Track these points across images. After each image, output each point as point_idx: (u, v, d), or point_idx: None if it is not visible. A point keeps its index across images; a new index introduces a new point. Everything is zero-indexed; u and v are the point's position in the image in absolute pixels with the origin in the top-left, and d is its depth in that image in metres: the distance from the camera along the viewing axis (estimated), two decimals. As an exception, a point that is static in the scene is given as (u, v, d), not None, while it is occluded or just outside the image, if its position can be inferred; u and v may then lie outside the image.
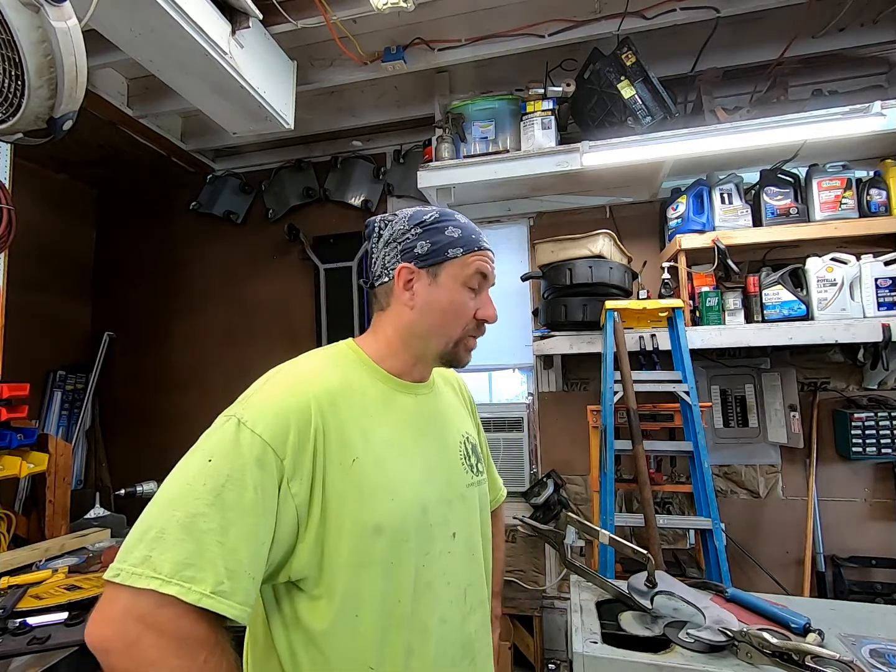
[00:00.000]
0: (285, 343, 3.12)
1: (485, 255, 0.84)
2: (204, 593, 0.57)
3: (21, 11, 1.06)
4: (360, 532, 0.70)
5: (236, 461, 0.63)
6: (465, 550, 0.83)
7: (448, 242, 0.81)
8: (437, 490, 0.80)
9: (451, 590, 0.80)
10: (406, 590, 0.73)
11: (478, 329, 0.85)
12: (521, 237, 2.91)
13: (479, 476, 0.91)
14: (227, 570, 0.59)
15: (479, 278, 0.83)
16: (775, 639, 1.02)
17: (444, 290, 0.81)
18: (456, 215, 0.86)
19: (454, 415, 0.94)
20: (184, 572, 0.57)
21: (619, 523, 2.02)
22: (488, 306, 0.85)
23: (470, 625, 0.82)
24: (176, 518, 0.59)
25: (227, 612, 0.58)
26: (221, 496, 0.61)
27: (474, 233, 0.85)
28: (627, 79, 2.14)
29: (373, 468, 0.73)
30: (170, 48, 1.76)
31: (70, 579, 1.44)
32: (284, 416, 0.68)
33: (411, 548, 0.74)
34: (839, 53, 2.29)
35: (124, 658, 0.56)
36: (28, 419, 1.86)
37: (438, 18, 2.19)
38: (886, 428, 2.19)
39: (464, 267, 0.82)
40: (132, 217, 3.50)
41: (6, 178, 1.82)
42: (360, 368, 0.82)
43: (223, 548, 0.59)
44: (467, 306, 0.82)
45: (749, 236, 2.23)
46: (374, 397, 0.80)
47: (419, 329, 0.83)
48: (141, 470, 2.32)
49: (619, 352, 2.10)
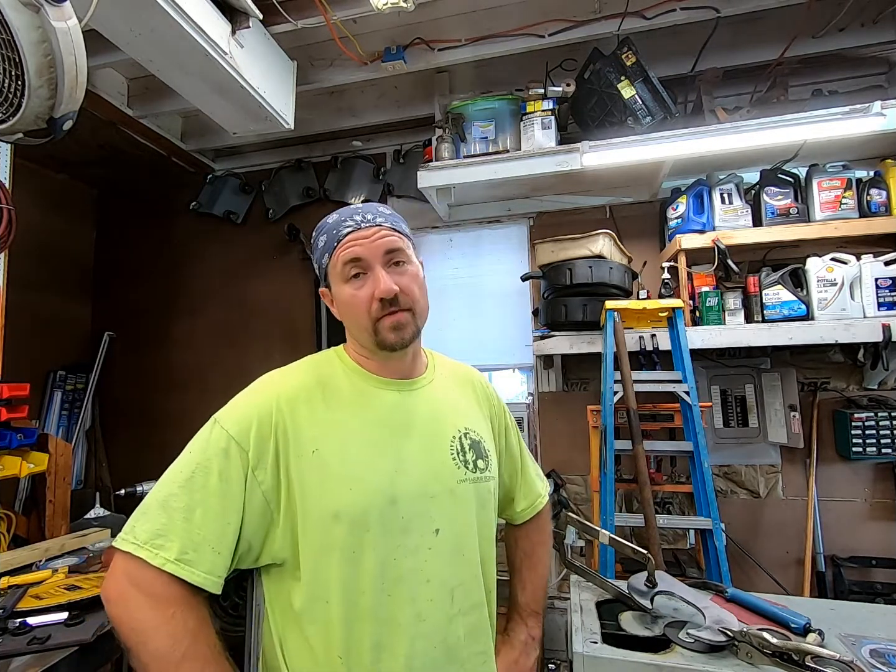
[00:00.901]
0: (285, 343, 3.13)
1: (349, 241, 0.82)
2: (168, 559, 0.69)
3: (21, 11, 1.06)
4: (321, 519, 0.75)
5: (206, 452, 0.75)
6: (451, 548, 0.82)
7: (320, 255, 0.87)
8: (414, 483, 0.80)
9: (432, 588, 0.78)
10: (371, 581, 0.75)
11: (384, 308, 0.81)
12: (521, 237, 2.91)
13: (478, 473, 0.88)
14: (192, 542, 0.70)
15: (352, 266, 0.82)
16: (775, 639, 1.02)
17: (338, 297, 0.86)
18: (327, 219, 0.88)
19: (452, 410, 0.92)
20: (155, 541, 0.70)
21: (619, 523, 2.02)
22: (378, 283, 0.81)
23: (457, 627, 0.80)
24: (157, 498, 0.73)
25: (189, 577, 0.69)
26: (191, 480, 0.73)
27: (336, 227, 0.85)
28: (627, 79, 2.14)
29: (335, 458, 0.78)
30: (170, 48, 1.76)
31: (70, 579, 1.44)
32: (248, 414, 0.78)
33: (373, 538, 0.75)
34: (839, 53, 2.29)
35: (117, 607, 0.71)
36: (28, 419, 1.86)
37: (438, 18, 2.19)
38: (886, 428, 2.19)
39: (334, 267, 0.84)
40: (132, 217, 3.50)
41: (6, 178, 1.82)
42: (340, 369, 0.88)
43: (189, 523, 0.71)
44: (357, 298, 0.82)
45: (749, 236, 2.23)
46: (347, 394, 0.85)
47: (351, 333, 0.90)
48: (141, 470, 2.31)
49: (619, 352, 2.10)
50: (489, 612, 0.89)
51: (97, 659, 1.20)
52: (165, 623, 0.68)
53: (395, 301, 0.82)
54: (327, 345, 2.92)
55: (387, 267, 0.83)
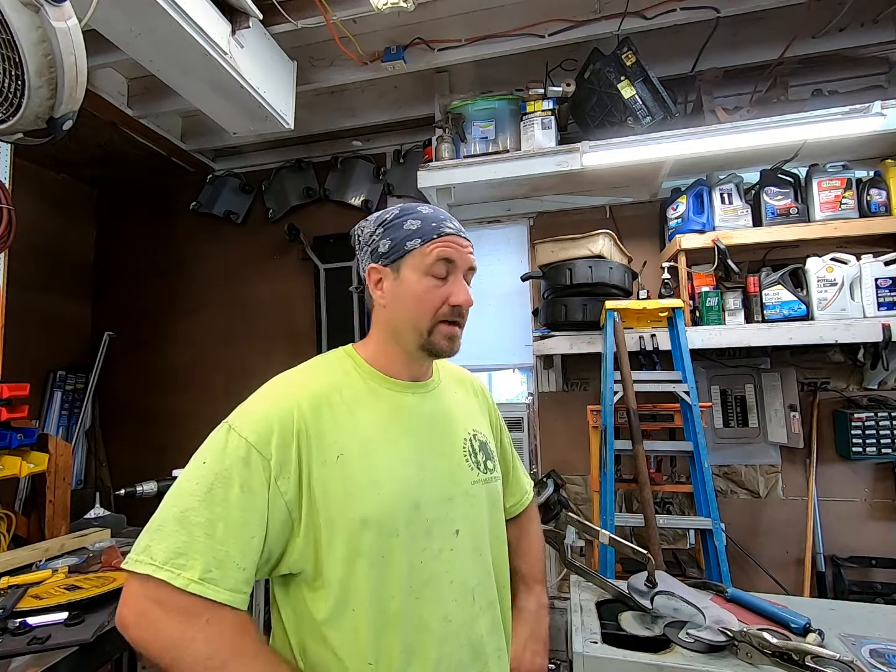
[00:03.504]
0: (285, 343, 3.12)
1: (448, 241, 0.82)
2: (192, 579, 0.64)
3: (21, 11, 1.06)
4: (349, 525, 0.73)
5: (224, 462, 0.70)
6: (470, 549, 0.83)
7: (406, 236, 0.82)
8: (435, 486, 0.80)
9: (456, 588, 0.79)
10: (400, 585, 0.74)
11: (452, 314, 0.83)
12: (521, 237, 2.91)
13: (488, 473, 0.89)
14: (216, 559, 0.66)
15: (443, 265, 0.82)
16: (775, 639, 1.02)
17: (407, 283, 0.82)
18: (419, 207, 0.86)
19: (461, 413, 0.93)
20: (175, 560, 0.64)
21: (619, 523, 2.02)
22: (460, 291, 0.82)
23: (480, 626, 0.81)
24: (172, 512, 0.68)
25: (216, 596, 0.65)
26: (210, 493, 0.68)
27: (436, 220, 0.83)
28: (627, 79, 2.14)
29: (358, 464, 0.76)
30: (170, 48, 1.76)
31: (70, 579, 1.43)
32: (268, 420, 0.73)
33: (402, 542, 0.75)
34: (839, 53, 2.29)
35: (138, 629, 0.65)
36: (28, 419, 1.86)
37: (438, 18, 2.19)
38: (886, 428, 2.19)
39: (423, 256, 0.81)
40: (132, 217, 3.50)
41: (6, 178, 1.82)
42: (353, 371, 0.86)
43: (212, 539, 0.66)
44: (433, 294, 0.81)
45: (749, 236, 2.23)
46: (366, 397, 0.83)
47: (394, 324, 0.85)
48: (141, 470, 2.32)
49: (619, 352, 2.10)
50: (503, 608, 0.90)
51: (97, 659, 1.20)
52: (200, 630, 0.64)
53: (462, 313, 0.84)
54: (327, 345, 2.93)
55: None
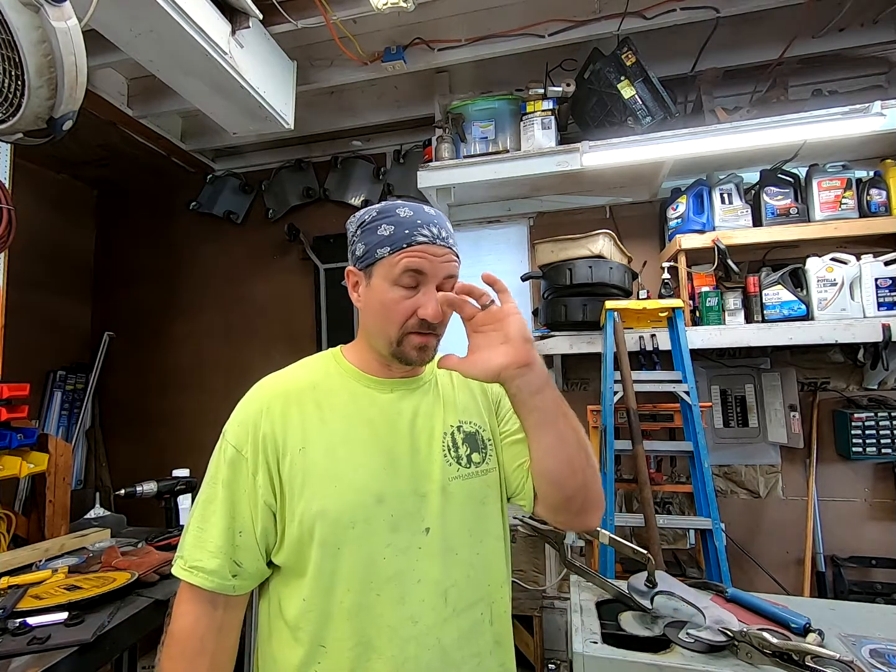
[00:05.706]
0: (285, 343, 3.12)
1: (418, 251, 0.78)
2: (184, 567, 0.77)
3: (21, 11, 1.06)
4: (306, 515, 0.76)
5: (214, 466, 0.81)
6: (442, 548, 0.80)
7: (377, 242, 0.80)
8: (403, 482, 0.80)
9: (425, 588, 0.77)
10: (356, 579, 0.75)
11: (422, 327, 0.80)
12: (521, 237, 2.91)
13: (472, 468, 0.85)
14: (209, 552, 0.76)
15: (411, 276, 0.79)
16: (775, 639, 1.02)
17: (376, 291, 0.81)
18: (398, 209, 0.82)
19: (447, 406, 0.90)
20: (178, 554, 0.79)
21: (619, 523, 2.02)
22: (429, 304, 0.78)
23: (451, 629, 0.78)
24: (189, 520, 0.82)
25: (203, 584, 0.75)
26: (203, 496, 0.80)
27: (410, 227, 0.79)
28: (627, 79, 2.14)
29: (321, 456, 0.79)
30: (170, 48, 1.76)
31: (70, 579, 1.43)
32: (244, 421, 0.81)
33: (358, 535, 0.75)
34: (839, 53, 2.29)
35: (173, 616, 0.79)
36: (28, 419, 1.86)
37: (438, 18, 2.19)
38: (886, 428, 2.19)
39: (391, 266, 0.79)
40: (132, 217, 3.50)
41: (6, 178, 1.82)
42: (335, 370, 0.88)
43: (203, 533, 0.78)
44: (400, 305, 0.79)
45: (749, 236, 2.23)
46: (339, 395, 0.85)
47: (368, 328, 0.87)
48: (141, 470, 2.32)
49: (619, 352, 2.10)
50: (502, 609, 0.86)
51: (97, 659, 1.20)
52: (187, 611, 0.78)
53: (431, 325, 0.81)
54: (327, 344, 2.93)
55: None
